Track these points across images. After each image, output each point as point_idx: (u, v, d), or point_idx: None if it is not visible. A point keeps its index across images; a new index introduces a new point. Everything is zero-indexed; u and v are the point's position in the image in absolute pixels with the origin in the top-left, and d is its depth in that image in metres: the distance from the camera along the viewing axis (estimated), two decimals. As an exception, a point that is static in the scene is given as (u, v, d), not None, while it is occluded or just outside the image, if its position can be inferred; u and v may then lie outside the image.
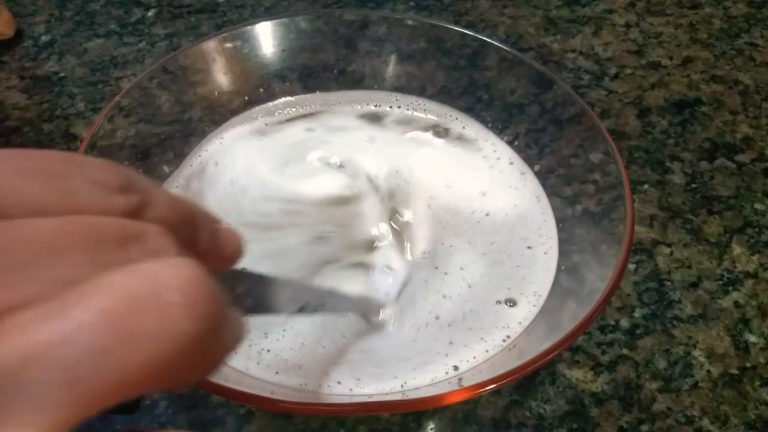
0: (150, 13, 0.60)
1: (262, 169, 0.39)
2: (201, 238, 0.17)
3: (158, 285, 0.12)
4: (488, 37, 0.42)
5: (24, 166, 0.13)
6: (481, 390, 0.26)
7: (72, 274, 0.12)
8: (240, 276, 0.21)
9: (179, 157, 0.40)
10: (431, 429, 0.33)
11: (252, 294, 0.21)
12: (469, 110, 0.44)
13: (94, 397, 0.11)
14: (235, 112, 0.43)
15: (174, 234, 0.15)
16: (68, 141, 0.47)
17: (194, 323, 0.12)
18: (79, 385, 0.11)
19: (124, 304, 0.11)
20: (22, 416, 0.10)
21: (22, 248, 0.12)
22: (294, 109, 0.44)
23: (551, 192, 0.39)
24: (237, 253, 0.19)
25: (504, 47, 0.41)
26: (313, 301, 0.25)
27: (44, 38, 0.57)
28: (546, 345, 0.27)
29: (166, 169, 0.39)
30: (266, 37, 0.43)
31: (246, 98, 0.43)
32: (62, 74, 0.53)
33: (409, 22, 0.45)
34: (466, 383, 0.28)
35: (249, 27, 0.43)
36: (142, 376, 0.11)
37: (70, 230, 0.12)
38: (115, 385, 0.11)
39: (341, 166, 0.39)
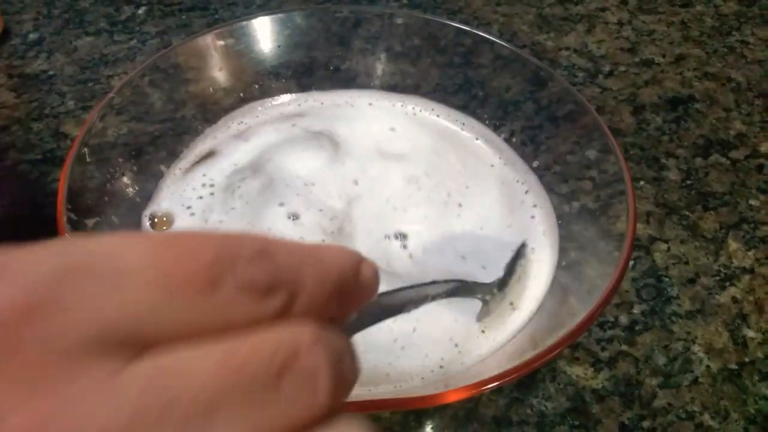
0: (140, 11, 0.59)
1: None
2: (346, 294, 0.15)
3: None
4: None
5: (169, 271, 0.11)
6: (482, 388, 0.25)
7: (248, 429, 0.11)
8: None
9: (172, 155, 0.40)
10: (432, 428, 0.33)
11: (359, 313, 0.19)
12: (465, 107, 0.44)
13: None
14: (228, 109, 0.43)
15: (322, 309, 0.14)
16: (58, 140, 0.46)
17: None
18: None
19: None
20: None
21: (189, 402, 0.10)
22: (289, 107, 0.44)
23: (549, 189, 0.39)
24: (375, 288, 0.16)
25: (503, 43, 0.41)
26: (415, 297, 0.25)
27: (32, 36, 0.56)
28: (548, 342, 0.27)
29: (162, 168, 0.38)
30: (260, 33, 0.43)
31: (240, 95, 0.42)
32: (51, 72, 0.52)
33: (407, 19, 0.44)
34: (467, 382, 0.27)
35: (243, 23, 0.42)
36: None
37: (232, 365, 0.11)
38: None
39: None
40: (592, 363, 0.35)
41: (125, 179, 0.36)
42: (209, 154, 0.40)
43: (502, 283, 0.32)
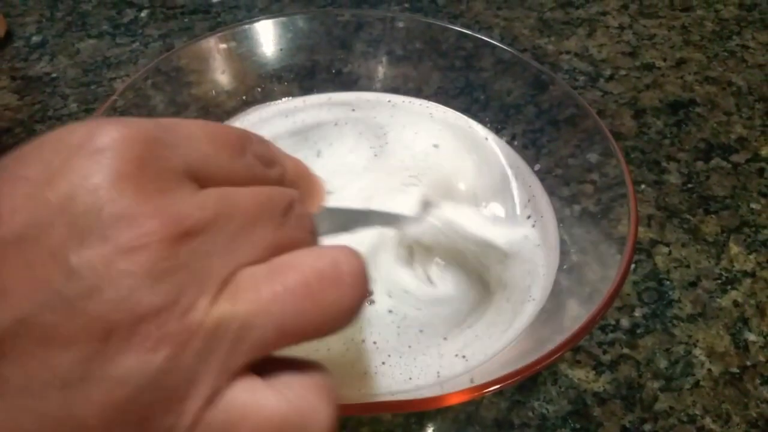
0: (143, 14, 0.59)
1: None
2: (306, 188, 0.21)
3: (338, 268, 0.15)
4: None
5: (215, 137, 0.16)
6: (483, 391, 0.25)
7: (269, 239, 0.15)
8: None
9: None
10: (434, 430, 0.33)
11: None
12: (466, 111, 0.44)
13: (287, 339, 0.15)
14: (231, 113, 0.43)
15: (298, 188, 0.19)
16: (61, 142, 0.46)
17: (357, 301, 0.16)
18: (283, 330, 0.14)
19: (316, 280, 0.15)
20: (249, 348, 0.14)
21: (240, 216, 0.15)
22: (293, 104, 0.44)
23: (550, 191, 0.39)
24: (323, 195, 0.22)
25: (504, 46, 0.41)
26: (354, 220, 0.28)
27: (35, 39, 0.56)
28: (549, 345, 0.27)
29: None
30: (262, 36, 0.43)
31: (243, 98, 0.43)
32: (54, 75, 0.52)
33: (408, 22, 0.44)
34: (468, 384, 0.27)
35: (245, 26, 0.42)
36: (312, 332, 0.15)
37: (260, 200, 0.16)
38: (298, 335, 0.15)
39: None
40: (594, 366, 0.35)
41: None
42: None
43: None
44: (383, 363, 0.30)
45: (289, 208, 0.17)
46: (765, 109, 0.52)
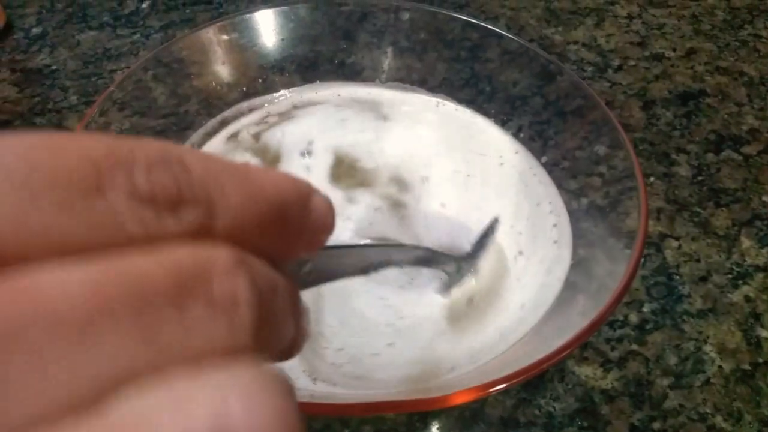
0: (144, 5, 0.59)
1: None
2: (289, 227, 0.13)
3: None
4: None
5: (37, 174, 0.09)
6: (490, 390, 0.25)
7: (115, 370, 0.08)
8: None
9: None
10: (438, 428, 0.32)
11: (314, 264, 0.17)
12: (471, 102, 0.43)
13: None
14: (231, 103, 0.42)
15: (254, 238, 0.11)
16: (61, 135, 0.46)
17: None
18: None
19: None
20: None
21: (40, 329, 0.08)
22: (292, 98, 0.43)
23: (558, 185, 0.38)
24: (330, 228, 0.14)
25: (511, 36, 0.40)
26: (378, 259, 0.22)
27: (35, 30, 0.55)
28: (557, 342, 0.26)
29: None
30: (263, 26, 0.42)
31: (244, 89, 0.42)
32: (54, 67, 0.52)
33: (413, 12, 0.44)
34: (475, 382, 0.27)
35: (246, 16, 0.42)
36: None
37: (106, 292, 0.09)
38: None
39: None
40: (602, 363, 0.34)
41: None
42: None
43: (470, 257, 0.31)
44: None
45: (191, 292, 0.09)
46: (777, 100, 0.51)
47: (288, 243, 0.13)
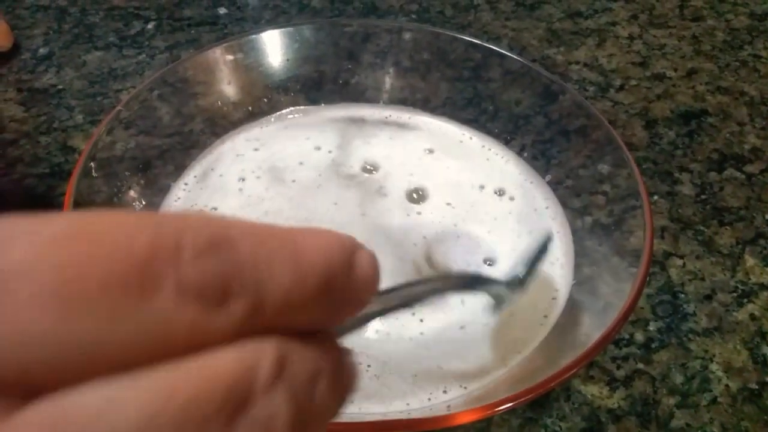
0: (149, 26, 0.59)
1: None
2: (335, 294, 0.12)
3: None
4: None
5: (76, 280, 0.08)
6: (496, 410, 0.25)
7: None
8: None
9: (180, 169, 0.39)
10: (443, 448, 0.32)
11: None
12: (474, 122, 0.43)
13: None
14: (236, 123, 0.42)
15: (299, 316, 0.11)
16: (66, 154, 0.46)
17: None
18: None
19: None
20: None
21: None
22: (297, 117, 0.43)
23: (562, 203, 0.38)
24: (375, 287, 0.13)
25: (513, 56, 0.41)
26: (422, 290, 0.21)
27: (42, 51, 0.56)
28: (563, 362, 0.26)
29: (169, 183, 0.38)
30: (269, 47, 0.43)
31: (249, 109, 0.42)
32: (60, 87, 0.52)
33: (416, 32, 0.44)
34: (480, 402, 0.27)
35: (251, 36, 0.42)
36: None
37: (158, 425, 0.08)
38: None
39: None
40: (608, 382, 0.34)
41: (132, 193, 0.36)
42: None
43: (523, 280, 0.29)
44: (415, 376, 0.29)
45: (240, 409, 0.09)
46: (778, 119, 0.52)
47: (333, 312, 0.12)
